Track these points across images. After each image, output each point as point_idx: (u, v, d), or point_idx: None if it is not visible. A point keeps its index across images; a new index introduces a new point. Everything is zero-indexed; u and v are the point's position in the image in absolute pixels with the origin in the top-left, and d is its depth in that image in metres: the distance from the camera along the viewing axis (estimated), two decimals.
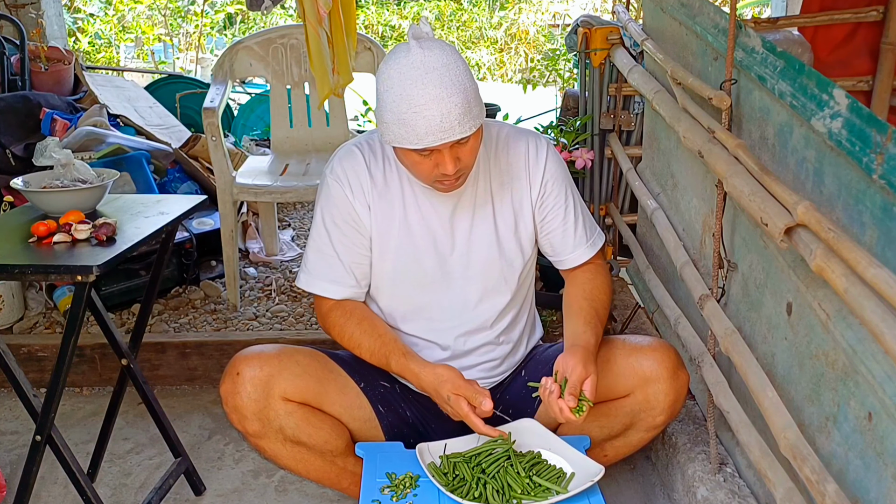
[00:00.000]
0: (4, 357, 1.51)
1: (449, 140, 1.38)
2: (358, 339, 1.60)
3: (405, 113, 1.36)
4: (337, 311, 1.64)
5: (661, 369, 1.58)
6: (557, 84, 7.51)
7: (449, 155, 1.41)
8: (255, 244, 3.33)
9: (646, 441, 1.69)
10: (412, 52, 1.37)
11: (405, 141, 1.39)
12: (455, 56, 1.40)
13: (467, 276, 1.63)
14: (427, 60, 1.36)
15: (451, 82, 1.36)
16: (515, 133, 1.66)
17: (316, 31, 2.42)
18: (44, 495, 1.93)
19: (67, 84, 3.73)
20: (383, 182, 1.60)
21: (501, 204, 1.62)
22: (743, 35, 1.51)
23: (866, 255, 0.98)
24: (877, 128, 1.04)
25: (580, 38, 2.72)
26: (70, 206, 1.67)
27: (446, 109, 1.35)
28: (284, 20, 8.66)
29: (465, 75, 1.39)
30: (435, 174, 1.45)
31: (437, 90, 1.35)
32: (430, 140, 1.37)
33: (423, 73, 1.35)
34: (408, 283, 1.63)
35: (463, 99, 1.37)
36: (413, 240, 1.60)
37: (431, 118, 1.35)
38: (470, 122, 1.39)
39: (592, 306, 1.62)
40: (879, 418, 1.10)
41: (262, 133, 4.34)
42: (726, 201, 1.55)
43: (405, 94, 1.36)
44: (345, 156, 1.62)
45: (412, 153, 1.43)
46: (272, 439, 1.59)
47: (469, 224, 1.61)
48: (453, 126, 1.36)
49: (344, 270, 1.62)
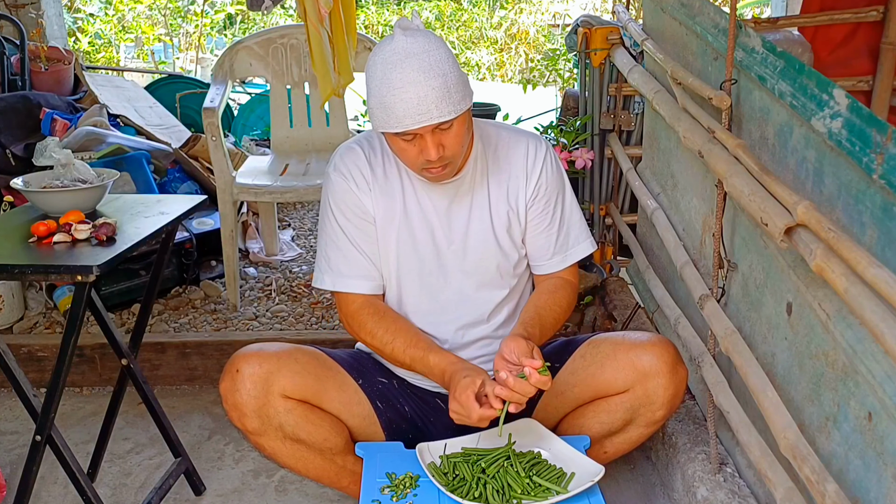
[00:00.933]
0: (4, 357, 1.51)
1: (427, 123, 1.40)
2: (391, 337, 1.59)
3: (385, 96, 1.39)
4: (367, 310, 1.62)
5: (660, 364, 1.58)
6: (557, 84, 7.51)
7: (431, 140, 1.43)
8: (255, 244, 3.33)
9: (645, 437, 1.69)
10: (396, 39, 1.41)
11: (386, 125, 1.42)
12: (437, 43, 1.42)
13: (464, 270, 1.64)
14: (408, 46, 1.39)
15: (430, 66, 1.39)
16: (517, 133, 1.68)
17: (317, 31, 2.42)
18: (44, 495, 1.93)
19: (67, 84, 3.73)
20: (383, 176, 1.62)
21: (498, 200, 1.64)
22: (743, 35, 1.51)
23: (866, 255, 0.98)
24: (877, 128, 1.04)
25: (580, 38, 2.72)
26: (70, 206, 1.67)
27: (423, 93, 1.37)
28: (284, 20, 8.66)
29: (446, 61, 1.41)
30: (420, 161, 1.47)
31: (415, 74, 1.38)
32: (408, 122, 1.39)
33: (402, 58, 1.38)
34: (407, 275, 1.64)
35: (441, 83, 1.39)
36: (412, 232, 1.62)
37: (409, 100, 1.38)
38: (449, 106, 1.40)
39: (538, 314, 1.61)
40: (879, 418, 1.10)
41: (262, 133, 4.34)
42: (726, 201, 1.55)
43: (385, 77, 1.39)
44: (345, 152, 1.64)
45: (398, 139, 1.45)
46: (271, 437, 1.59)
47: (466, 218, 1.63)
48: (430, 109, 1.38)
49: (369, 263, 1.63)
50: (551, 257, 1.69)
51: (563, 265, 1.70)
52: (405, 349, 1.58)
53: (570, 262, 1.71)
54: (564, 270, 1.71)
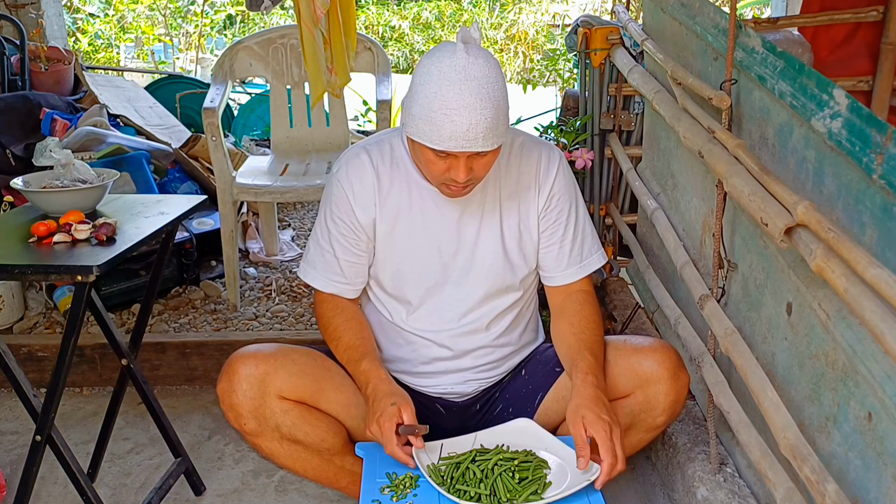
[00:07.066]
0: (4, 357, 1.51)
1: (470, 150, 1.39)
2: (340, 332, 1.63)
3: (435, 112, 1.37)
4: (329, 304, 1.68)
5: (661, 370, 1.57)
6: (557, 84, 7.52)
7: (464, 163, 1.43)
8: (255, 244, 3.33)
9: (645, 442, 1.69)
10: (458, 54, 1.37)
11: (426, 138, 1.40)
12: (497, 70, 1.40)
13: (468, 280, 1.64)
14: (470, 67, 1.36)
15: (488, 95, 1.37)
16: (530, 142, 1.67)
17: (311, 32, 2.42)
18: (44, 495, 1.93)
19: (67, 84, 3.73)
20: (389, 184, 1.61)
21: (509, 212, 1.63)
22: (743, 35, 1.51)
23: (866, 255, 0.98)
24: (877, 128, 1.04)
25: (580, 39, 2.72)
26: (70, 206, 1.67)
27: (475, 120, 1.36)
28: (284, 20, 8.66)
29: (501, 92, 1.40)
30: (445, 177, 1.47)
31: (472, 99, 1.35)
32: (450, 145, 1.38)
33: (462, 79, 1.36)
34: (410, 283, 1.64)
35: (494, 114, 1.38)
36: (416, 241, 1.62)
37: (459, 124, 1.36)
38: (494, 138, 1.40)
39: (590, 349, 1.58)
40: (879, 418, 1.10)
41: (262, 133, 4.34)
42: (726, 201, 1.55)
43: (440, 94, 1.36)
44: (352, 158, 1.63)
45: (428, 151, 1.44)
46: (268, 437, 1.59)
47: (476, 230, 1.62)
48: (477, 138, 1.37)
49: (337, 266, 1.65)
50: (566, 268, 1.67)
51: (578, 276, 1.68)
52: (346, 348, 1.61)
53: (585, 272, 1.69)
54: (580, 281, 1.69)
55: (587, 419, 1.41)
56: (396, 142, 1.64)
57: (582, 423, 1.41)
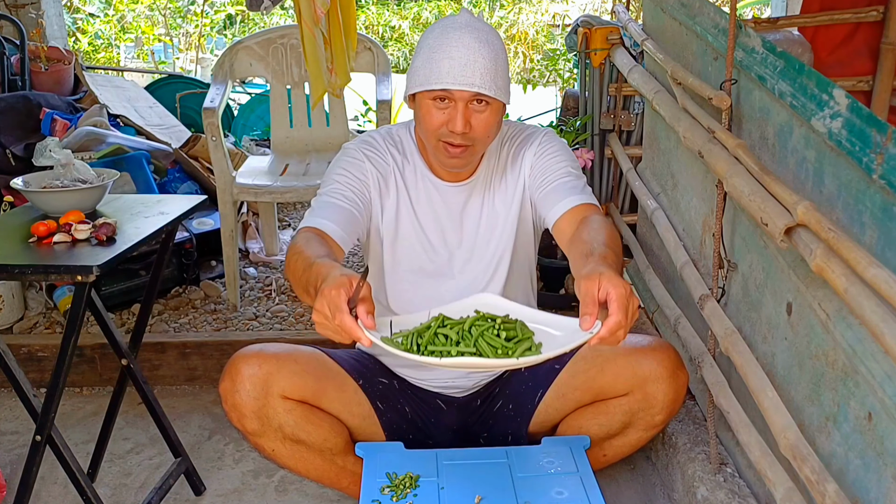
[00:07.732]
0: (4, 357, 1.51)
1: (467, 88, 1.41)
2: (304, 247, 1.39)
3: (434, 53, 1.43)
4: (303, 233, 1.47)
5: (660, 369, 1.58)
6: (557, 84, 7.51)
7: (462, 113, 1.44)
8: (255, 244, 3.33)
9: (644, 440, 1.69)
10: (461, 16, 1.48)
11: (425, 82, 1.44)
12: (498, 36, 1.49)
13: (470, 270, 1.65)
14: (472, 21, 1.46)
15: (486, 41, 1.44)
16: (520, 127, 1.70)
17: (311, 32, 2.42)
18: (44, 495, 1.93)
19: (67, 84, 3.73)
20: (399, 171, 1.63)
21: (511, 200, 1.64)
22: (743, 35, 1.51)
23: (866, 255, 0.98)
24: (877, 128, 1.04)
25: (580, 38, 2.72)
26: (70, 206, 1.67)
27: (472, 58, 1.41)
28: (284, 20, 8.67)
29: (501, 49, 1.48)
30: (443, 130, 1.47)
31: (470, 41, 1.42)
32: (449, 81, 1.41)
33: (462, 26, 1.45)
34: (413, 272, 1.65)
35: (492, 58, 1.43)
36: (421, 230, 1.63)
37: (457, 59, 1.41)
38: (492, 83, 1.43)
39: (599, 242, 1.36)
40: (879, 418, 1.10)
41: (262, 133, 4.34)
42: (726, 201, 1.55)
43: (440, 41, 1.44)
44: (366, 138, 1.67)
45: (428, 101, 1.46)
46: (271, 437, 1.59)
47: (476, 219, 1.64)
48: (474, 75, 1.41)
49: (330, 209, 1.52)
50: (567, 196, 1.54)
51: (581, 201, 1.52)
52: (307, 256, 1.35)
53: (586, 199, 1.53)
54: (586, 207, 1.52)
55: (605, 276, 1.19)
56: (404, 132, 1.67)
57: (598, 281, 1.18)
